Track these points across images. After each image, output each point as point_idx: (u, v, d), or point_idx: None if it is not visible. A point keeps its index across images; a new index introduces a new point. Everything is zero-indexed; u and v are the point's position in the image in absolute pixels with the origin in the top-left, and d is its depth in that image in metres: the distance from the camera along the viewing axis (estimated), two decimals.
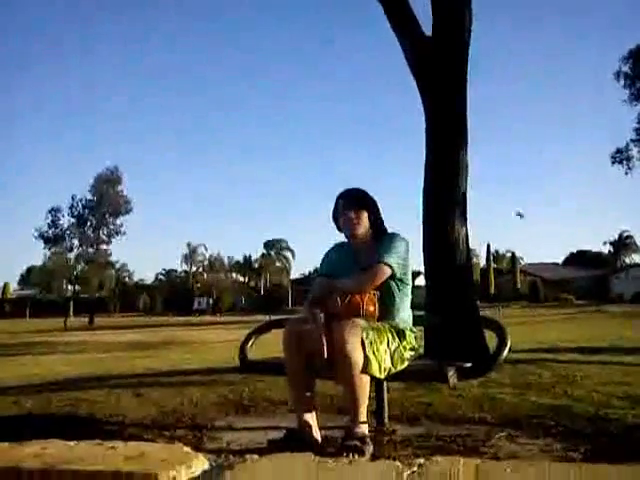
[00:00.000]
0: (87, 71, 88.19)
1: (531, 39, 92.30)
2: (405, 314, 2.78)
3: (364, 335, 2.41)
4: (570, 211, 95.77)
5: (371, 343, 2.43)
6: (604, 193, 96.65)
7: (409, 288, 2.80)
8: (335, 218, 2.88)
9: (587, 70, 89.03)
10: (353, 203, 2.81)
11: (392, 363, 2.56)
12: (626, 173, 17.17)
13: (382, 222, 2.88)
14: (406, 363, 2.65)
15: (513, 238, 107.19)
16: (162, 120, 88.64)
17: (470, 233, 5.17)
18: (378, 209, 2.87)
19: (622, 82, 16.14)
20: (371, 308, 2.61)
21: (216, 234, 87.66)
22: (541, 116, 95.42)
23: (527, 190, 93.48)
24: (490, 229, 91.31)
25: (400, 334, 2.64)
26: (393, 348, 2.57)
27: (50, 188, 79.89)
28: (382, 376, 2.56)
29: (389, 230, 2.88)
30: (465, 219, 5.15)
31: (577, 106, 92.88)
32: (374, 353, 2.43)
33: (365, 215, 2.80)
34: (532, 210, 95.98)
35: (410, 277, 2.81)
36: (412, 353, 2.69)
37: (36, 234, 37.23)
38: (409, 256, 2.77)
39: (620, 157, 17.17)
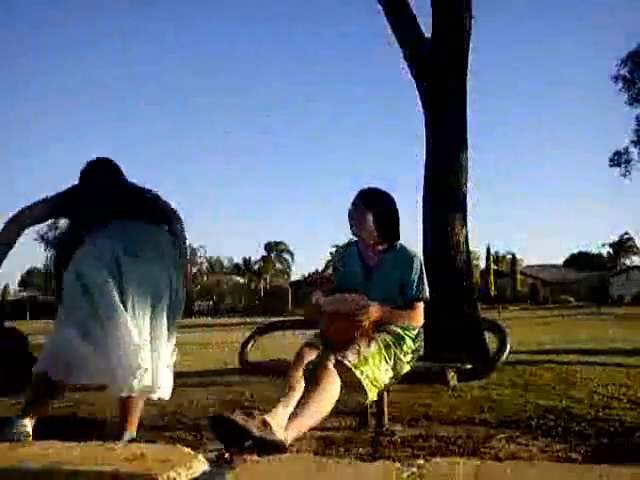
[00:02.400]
0: (88, 71, 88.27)
1: (530, 39, 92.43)
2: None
3: (358, 373, 2.34)
4: (570, 213, 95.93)
5: (367, 377, 2.38)
6: (604, 195, 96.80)
7: None
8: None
9: (588, 69, 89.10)
10: (360, 202, 2.75)
11: (394, 375, 2.56)
12: (624, 176, 17.20)
13: (394, 230, 2.78)
14: (407, 367, 2.63)
15: (513, 240, 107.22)
16: (162, 120, 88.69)
17: (470, 234, 5.18)
18: (391, 215, 2.78)
19: (620, 85, 16.16)
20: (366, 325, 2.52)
21: (216, 236, 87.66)
22: (541, 117, 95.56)
23: (527, 191, 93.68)
24: (490, 230, 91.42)
25: (398, 339, 2.61)
26: (392, 363, 2.54)
27: (50, 189, 79.93)
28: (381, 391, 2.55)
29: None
30: (465, 220, 5.15)
31: (577, 107, 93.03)
32: (372, 383, 2.40)
33: (369, 217, 2.70)
34: (533, 212, 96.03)
35: None
36: (412, 355, 2.67)
37: (35, 236, 37.32)
38: None
39: (618, 160, 17.20)
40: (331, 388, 2.27)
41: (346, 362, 2.34)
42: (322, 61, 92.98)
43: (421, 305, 2.72)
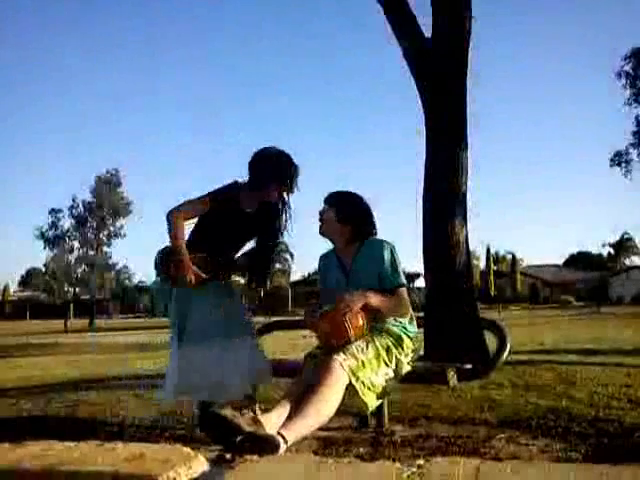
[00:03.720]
0: (88, 70, 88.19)
1: (530, 39, 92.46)
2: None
3: (354, 380, 2.32)
4: (570, 213, 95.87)
5: (363, 383, 2.35)
6: (605, 195, 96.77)
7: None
8: None
9: (588, 70, 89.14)
10: (325, 201, 2.86)
11: (395, 376, 2.55)
12: (625, 175, 17.23)
13: (362, 228, 2.80)
14: (408, 367, 2.63)
15: (513, 240, 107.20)
16: (163, 120, 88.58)
17: (470, 234, 5.18)
18: (356, 215, 2.81)
19: (623, 81, 16.18)
20: (360, 322, 2.48)
21: None
22: (541, 117, 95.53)
23: (528, 191, 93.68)
24: (490, 230, 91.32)
25: (398, 340, 2.60)
26: (394, 366, 2.54)
27: (50, 188, 79.91)
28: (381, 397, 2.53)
29: (377, 236, 2.83)
30: (465, 220, 5.14)
31: (577, 107, 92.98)
32: (369, 388, 2.38)
33: (331, 215, 2.79)
34: (533, 211, 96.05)
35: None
36: (412, 355, 2.67)
37: (37, 233, 37.28)
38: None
39: (619, 159, 17.22)
40: (335, 390, 2.26)
41: (345, 366, 2.33)
42: (318, 60, 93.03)
43: (403, 291, 2.67)
